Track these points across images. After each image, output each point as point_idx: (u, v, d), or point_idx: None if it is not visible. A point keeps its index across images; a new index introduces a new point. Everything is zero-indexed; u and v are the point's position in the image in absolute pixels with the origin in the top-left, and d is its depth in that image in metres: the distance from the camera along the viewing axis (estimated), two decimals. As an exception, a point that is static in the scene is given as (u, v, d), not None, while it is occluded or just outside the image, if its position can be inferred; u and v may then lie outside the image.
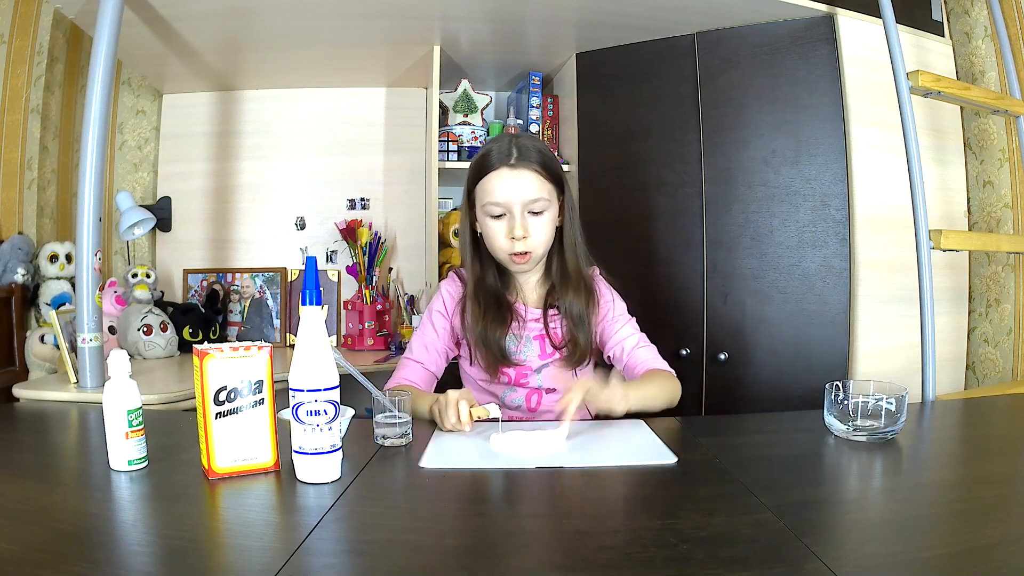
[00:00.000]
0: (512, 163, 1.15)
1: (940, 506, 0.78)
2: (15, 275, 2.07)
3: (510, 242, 1.16)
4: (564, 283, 1.24)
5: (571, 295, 1.23)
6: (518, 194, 1.15)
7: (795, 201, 1.86)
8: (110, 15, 1.53)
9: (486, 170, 1.17)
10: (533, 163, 1.15)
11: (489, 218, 1.18)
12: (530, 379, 1.25)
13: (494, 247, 1.20)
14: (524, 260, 1.18)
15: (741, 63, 1.92)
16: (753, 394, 1.90)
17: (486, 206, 1.18)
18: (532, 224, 1.17)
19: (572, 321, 1.23)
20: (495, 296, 1.24)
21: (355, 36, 2.03)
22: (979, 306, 1.97)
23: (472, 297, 1.24)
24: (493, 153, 1.17)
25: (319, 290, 0.83)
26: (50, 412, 1.31)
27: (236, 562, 0.63)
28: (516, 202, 1.15)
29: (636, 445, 0.99)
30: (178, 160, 2.48)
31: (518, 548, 0.67)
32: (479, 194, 1.20)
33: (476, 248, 1.26)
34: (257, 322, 2.42)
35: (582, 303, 1.23)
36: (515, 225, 1.15)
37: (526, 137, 1.22)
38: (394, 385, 1.22)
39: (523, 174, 1.15)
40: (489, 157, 1.17)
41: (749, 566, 0.60)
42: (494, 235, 1.18)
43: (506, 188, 1.15)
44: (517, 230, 1.15)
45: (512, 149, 1.16)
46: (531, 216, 1.17)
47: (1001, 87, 1.87)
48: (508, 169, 1.15)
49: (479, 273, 1.25)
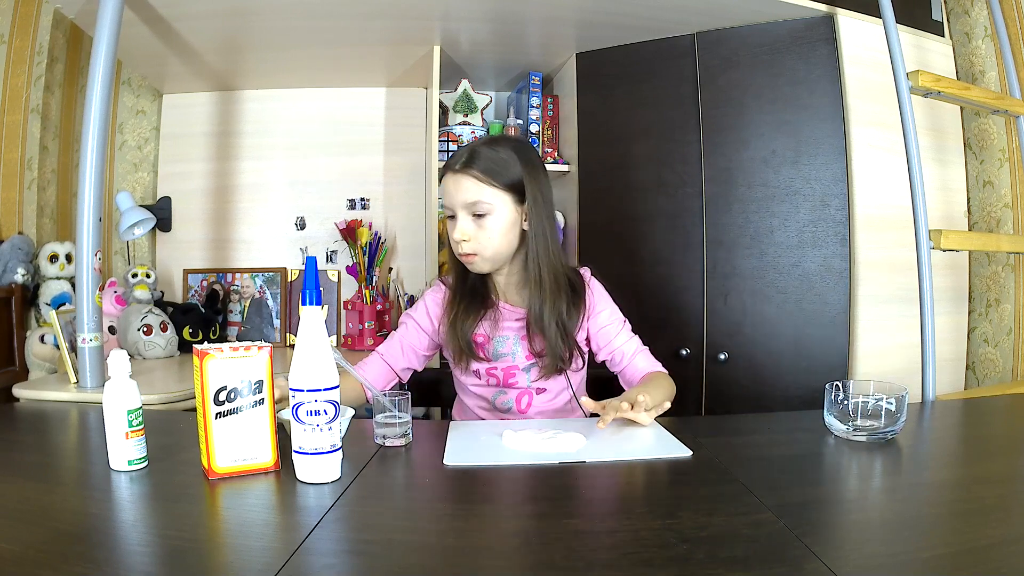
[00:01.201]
0: (456, 168, 1.20)
1: (940, 506, 0.78)
2: (15, 275, 2.07)
3: (456, 243, 1.22)
4: (535, 286, 1.22)
5: (541, 297, 1.21)
6: (458, 196, 1.20)
7: (795, 201, 1.86)
8: (110, 15, 1.53)
9: (442, 173, 1.25)
10: (476, 169, 1.18)
11: (448, 219, 1.24)
12: (519, 379, 1.26)
13: (450, 247, 1.26)
14: (470, 260, 1.22)
15: (741, 63, 1.92)
16: (753, 394, 1.90)
17: (443, 207, 1.25)
18: (477, 226, 1.20)
19: (540, 324, 1.22)
20: (473, 290, 1.28)
21: (355, 36, 2.03)
22: (979, 306, 1.97)
23: (453, 290, 1.29)
24: (452, 157, 1.23)
25: (319, 290, 0.83)
26: (50, 412, 1.31)
27: (236, 562, 0.63)
28: (457, 204, 1.20)
29: (652, 440, 1.01)
30: (178, 160, 2.47)
31: (518, 548, 0.67)
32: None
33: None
34: (257, 322, 2.42)
35: (552, 306, 1.21)
36: (455, 227, 1.21)
37: (490, 142, 1.23)
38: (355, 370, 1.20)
39: (463, 178, 1.19)
40: (448, 160, 1.24)
41: (749, 566, 0.60)
42: (448, 235, 1.24)
43: (450, 191, 1.21)
44: (456, 232, 1.20)
45: (464, 154, 1.21)
46: (476, 218, 1.20)
47: (1001, 87, 1.87)
48: (452, 174, 1.21)
49: (461, 270, 1.29)
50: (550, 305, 1.21)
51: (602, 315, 1.29)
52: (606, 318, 1.29)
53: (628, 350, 1.27)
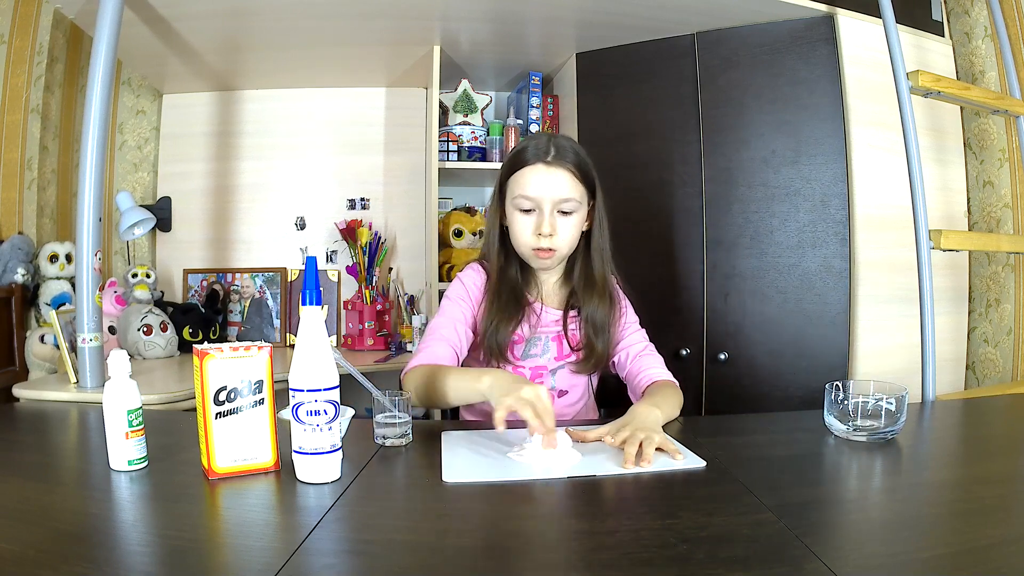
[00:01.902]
0: (548, 160, 1.16)
1: (940, 506, 0.78)
2: (15, 275, 2.07)
3: (535, 237, 1.17)
4: (588, 289, 1.24)
5: (595, 301, 1.23)
6: (550, 191, 1.16)
7: (795, 201, 1.86)
8: (110, 15, 1.53)
9: (521, 164, 1.18)
10: (568, 163, 1.16)
11: (518, 212, 1.19)
12: (545, 380, 1.25)
13: (519, 241, 1.20)
14: (547, 256, 1.18)
15: (741, 63, 1.92)
16: (753, 394, 1.90)
17: (517, 199, 1.18)
18: (560, 223, 1.17)
19: (593, 327, 1.23)
20: (513, 290, 1.24)
21: (355, 36, 2.03)
22: (979, 306, 1.97)
23: (493, 288, 1.24)
24: (530, 149, 1.18)
25: (319, 290, 0.83)
26: (50, 412, 1.31)
27: (236, 562, 0.63)
28: (547, 199, 1.16)
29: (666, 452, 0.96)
30: (178, 160, 2.47)
31: (518, 548, 0.67)
32: (511, 187, 1.20)
33: (502, 242, 1.26)
34: (257, 322, 2.42)
35: (605, 310, 1.23)
36: (543, 221, 1.16)
37: (564, 138, 1.22)
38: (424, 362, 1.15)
39: (557, 172, 1.16)
40: (526, 152, 1.18)
41: (749, 566, 0.60)
42: (521, 229, 1.19)
43: (539, 184, 1.16)
44: (545, 226, 1.16)
45: (550, 147, 1.17)
46: (560, 215, 1.17)
47: (1001, 87, 1.87)
48: (544, 166, 1.16)
49: (502, 266, 1.25)
50: (605, 307, 1.22)
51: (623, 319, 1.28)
52: (627, 320, 1.28)
53: (635, 349, 1.26)
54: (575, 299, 1.25)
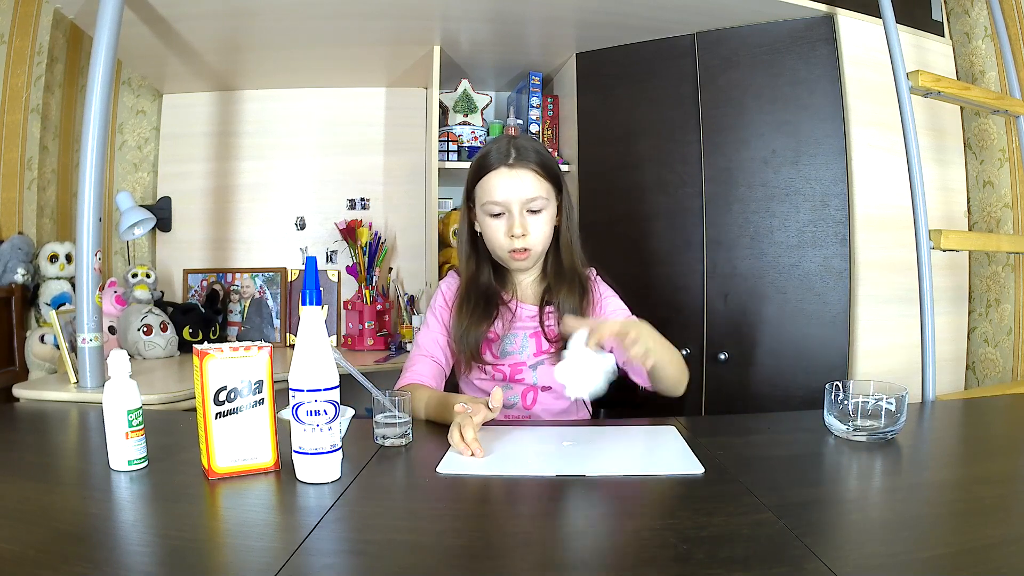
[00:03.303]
0: (511, 163, 1.18)
1: (940, 506, 0.78)
2: (15, 275, 2.06)
3: (509, 240, 1.19)
4: (559, 281, 1.26)
5: (564, 292, 1.25)
6: (516, 193, 1.18)
7: (795, 201, 1.86)
8: (110, 15, 1.53)
9: (485, 170, 1.20)
10: (531, 163, 1.18)
11: (489, 217, 1.21)
12: (525, 376, 1.26)
13: (493, 245, 1.23)
14: (523, 257, 1.21)
15: (741, 63, 1.92)
16: (753, 394, 1.90)
17: (486, 205, 1.20)
18: (531, 222, 1.20)
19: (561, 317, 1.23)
20: (485, 293, 1.26)
21: (355, 36, 2.03)
22: (979, 306, 1.97)
23: (463, 293, 1.27)
24: (492, 153, 1.20)
25: (319, 290, 0.83)
26: (50, 412, 1.31)
27: (236, 562, 0.63)
28: (515, 201, 1.18)
29: (663, 453, 0.96)
30: (178, 160, 2.47)
31: (518, 548, 0.67)
32: (479, 193, 1.22)
33: (473, 247, 1.29)
34: (257, 322, 2.42)
35: (575, 301, 1.24)
36: (514, 223, 1.18)
37: (524, 138, 1.24)
38: (406, 382, 1.22)
39: (521, 173, 1.18)
40: (488, 157, 1.20)
41: (749, 566, 0.60)
42: (493, 233, 1.21)
43: (505, 187, 1.18)
44: (516, 228, 1.18)
45: (511, 149, 1.19)
46: (530, 215, 1.19)
47: (1001, 87, 1.87)
48: (507, 169, 1.18)
49: (473, 271, 1.28)
50: (575, 298, 1.23)
51: (609, 305, 1.29)
52: (613, 306, 1.29)
53: None
54: (549, 293, 1.27)
